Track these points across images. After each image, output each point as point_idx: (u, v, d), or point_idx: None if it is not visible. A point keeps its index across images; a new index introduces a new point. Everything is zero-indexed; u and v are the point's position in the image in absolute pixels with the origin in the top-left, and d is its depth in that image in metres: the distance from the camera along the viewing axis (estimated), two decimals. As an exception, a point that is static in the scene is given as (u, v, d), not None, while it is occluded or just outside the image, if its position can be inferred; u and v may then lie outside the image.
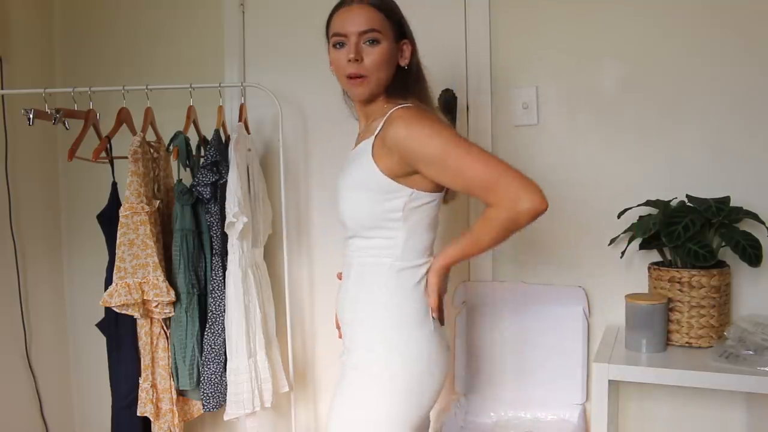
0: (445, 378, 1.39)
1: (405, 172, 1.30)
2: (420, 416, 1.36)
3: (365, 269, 1.37)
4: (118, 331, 2.05)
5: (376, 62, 1.33)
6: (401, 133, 1.26)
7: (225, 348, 2.00)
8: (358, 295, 1.37)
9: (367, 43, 1.33)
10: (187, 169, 2.05)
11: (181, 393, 2.06)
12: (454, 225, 1.94)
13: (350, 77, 1.34)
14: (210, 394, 1.99)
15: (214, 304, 2.02)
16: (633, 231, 1.74)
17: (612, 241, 1.84)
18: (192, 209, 2.00)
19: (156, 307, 1.96)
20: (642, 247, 1.79)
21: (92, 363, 2.47)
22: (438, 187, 1.34)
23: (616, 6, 1.88)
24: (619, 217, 1.83)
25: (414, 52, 1.41)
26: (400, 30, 1.38)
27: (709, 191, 1.78)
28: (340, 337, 1.48)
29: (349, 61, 1.33)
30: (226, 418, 1.98)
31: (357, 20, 1.33)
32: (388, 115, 1.32)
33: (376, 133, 1.32)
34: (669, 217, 1.69)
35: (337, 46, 1.36)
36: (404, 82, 1.39)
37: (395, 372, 1.32)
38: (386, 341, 1.34)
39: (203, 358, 2.01)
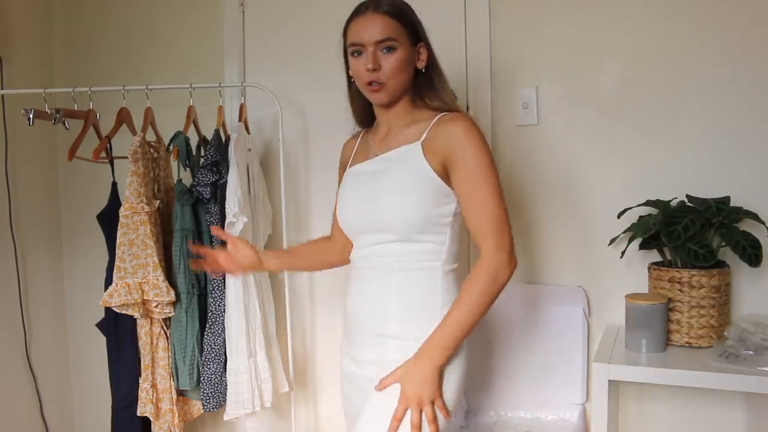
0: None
1: (445, 172, 1.33)
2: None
3: (412, 275, 1.36)
4: (118, 331, 2.05)
5: (394, 69, 1.36)
6: (462, 131, 1.32)
7: (225, 348, 2.00)
8: (408, 302, 1.36)
9: (384, 51, 1.36)
10: (187, 169, 2.05)
11: (181, 393, 2.06)
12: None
13: (369, 84, 1.38)
14: (210, 394, 1.99)
15: (214, 304, 2.02)
16: (633, 231, 1.74)
17: (612, 241, 1.84)
18: (192, 209, 2.00)
19: (156, 307, 1.96)
20: (642, 247, 1.79)
21: (92, 363, 2.47)
22: None
23: (616, 7, 1.89)
24: (619, 217, 1.83)
25: (431, 54, 1.43)
26: (415, 34, 1.40)
27: (709, 191, 1.78)
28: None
29: (368, 70, 1.36)
30: (226, 418, 1.98)
31: (372, 30, 1.35)
32: (439, 117, 1.36)
33: (423, 137, 1.35)
34: (669, 217, 1.69)
35: (355, 54, 1.39)
36: (428, 84, 1.42)
37: (454, 368, 1.34)
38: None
39: (203, 358, 2.01)
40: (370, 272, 1.41)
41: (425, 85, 1.42)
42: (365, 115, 1.53)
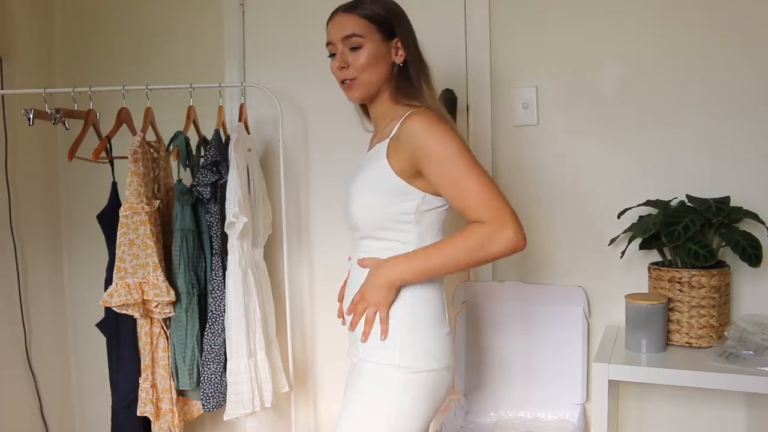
0: (452, 378, 1.41)
1: (413, 171, 1.32)
2: (434, 413, 1.38)
3: None
4: (118, 331, 2.05)
5: (361, 65, 1.37)
6: (416, 128, 1.30)
7: (225, 348, 2.00)
8: None
9: (351, 49, 1.38)
10: (187, 169, 2.05)
11: (181, 393, 2.06)
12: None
13: (342, 82, 1.41)
14: (210, 394, 1.99)
15: (214, 304, 2.02)
16: (633, 231, 1.74)
17: (612, 241, 1.84)
18: (192, 209, 2.00)
19: (156, 307, 1.96)
20: (642, 247, 1.79)
21: (92, 363, 2.47)
22: None
23: (615, 7, 1.89)
24: (619, 217, 1.83)
25: (411, 49, 1.42)
26: (389, 30, 1.40)
27: (709, 191, 1.78)
28: (343, 320, 1.49)
29: (338, 69, 1.40)
30: (226, 418, 1.98)
31: (338, 28, 1.39)
32: (404, 117, 1.34)
33: (391, 135, 1.35)
34: (669, 217, 1.69)
35: (332, 56, 1.42)
36: (406, 79, 1.41)
37: (418, 369, 1.34)
38: (409, 339, 1.34)
39: (203, 358, 2.01)
40: (353, 266, 1.45)
41: (404, 81, 1.41)
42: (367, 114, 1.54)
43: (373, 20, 1.38)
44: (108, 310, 2.01)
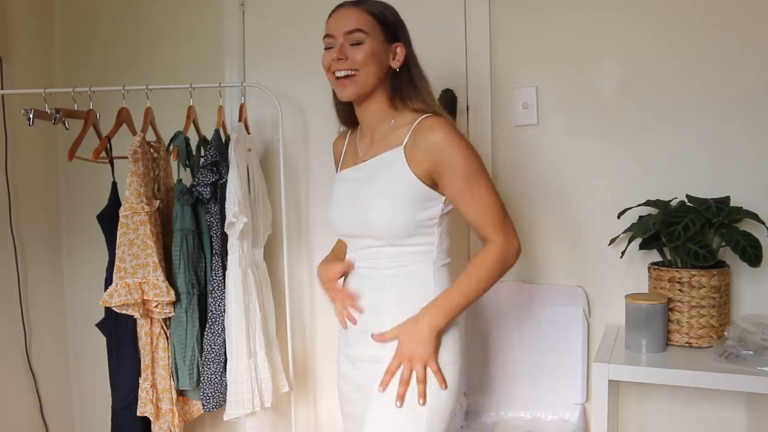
0: None
1: (431, 181, 1.34)
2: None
3: (404, 273, 1.38)
4: (118, 331, 2.05)
5: (360, 60, 1.36)
6: (440, 139, 1.31)
7: (225, 348, 2.00)
8: (401, 300, 1.38)
9: (354, 44, 1.36)
10: (187, 169, 2.05)
11: (181, 393, 2.06)
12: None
13: (338, 78, 1.38)
14: (210, 394, 1.99)
15: (214, 304, 2.02)
16: (633, 231, 1.74)
17: (612, 241, 1.84)
18: (192, 209, 2.00)
19: (156, 307, 1.96)
20: (642, 247, 1.79)
21: (92, 363, 2.47)
22: None
23: (615, 7, 1.89)
24: (619, 217, 1.83)
25: (410, 56, 1.42)
26: (391, 33, 1.39)
27: (709, 191, 1.78)
28: (344, 323, 1.47)
29: (333, 60, 1.37)
30: (226, 418, 1.98)
31: (343, 21, 1.37)
32: (418, 122, 1.35)
33: (405, 143, 1.35)
34: (669, 217, 1.69)
35: (328, 48, 1.40)
36: (408, 82, 1.40)
37: (449, 362, 1.36)
38: (444, 334, 1.36)
39: (203, 358, 2.01)
40: (364, 271, 1.43)
41: (405, 84, 1.40)
42: (349, 117, 1.52)
43: (378, 19, 1.37)
44: (108, 310, 2.01)
